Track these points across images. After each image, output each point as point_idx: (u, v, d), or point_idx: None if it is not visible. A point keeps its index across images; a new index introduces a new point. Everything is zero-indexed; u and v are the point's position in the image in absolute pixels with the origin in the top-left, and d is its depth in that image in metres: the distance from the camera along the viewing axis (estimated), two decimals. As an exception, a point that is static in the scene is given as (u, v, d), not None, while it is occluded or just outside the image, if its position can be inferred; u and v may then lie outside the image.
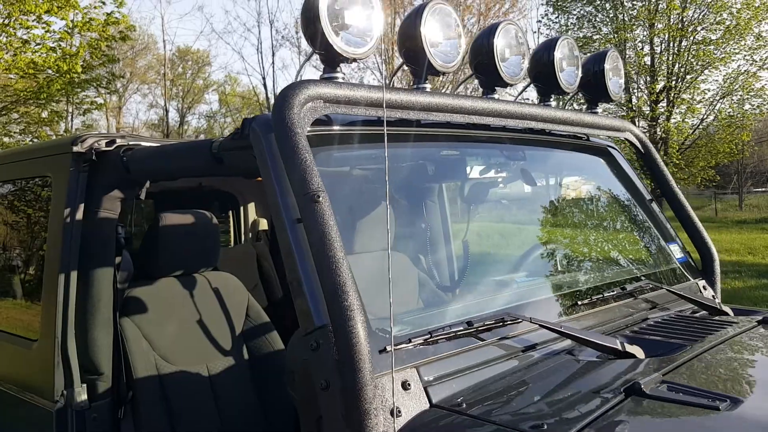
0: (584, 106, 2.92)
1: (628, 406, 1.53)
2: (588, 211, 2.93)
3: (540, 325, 1.88)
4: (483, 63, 2.34)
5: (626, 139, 3.00)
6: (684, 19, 23.08)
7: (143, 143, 2.51)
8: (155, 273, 2.81)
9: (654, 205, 3.02)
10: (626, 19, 23.83)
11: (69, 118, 20.90)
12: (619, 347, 1.85)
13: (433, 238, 2.69)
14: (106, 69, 15.96)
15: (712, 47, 22.62)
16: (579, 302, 2.20)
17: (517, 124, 2.37)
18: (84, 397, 2.36)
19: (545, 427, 1.42)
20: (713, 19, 22.83)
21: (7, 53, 13.42)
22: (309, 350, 1.55)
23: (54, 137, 16.51)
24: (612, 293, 2.33)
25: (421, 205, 2.43)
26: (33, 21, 13.54)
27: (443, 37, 2.15)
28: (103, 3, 14.54)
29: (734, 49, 22.76)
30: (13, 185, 2.93)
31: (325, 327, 1.54)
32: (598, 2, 24.34)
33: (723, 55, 22.73)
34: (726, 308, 2.52)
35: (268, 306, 4.17)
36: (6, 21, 12.88)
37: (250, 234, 4.84)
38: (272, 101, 34.96)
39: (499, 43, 2.32)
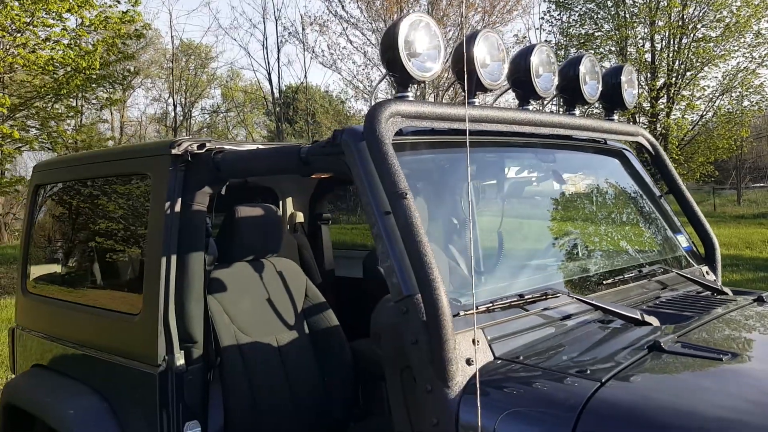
0: (594, 113, 3.35)
1: (652, 357, 1.96)
2: (606, 206, 3.36)
3: (575, 298, 2.33)
4: (520, 79, 2.76)
5: (639, 143, 3.43)
6: (684, 17, 23.45)
7: (226, 146, 2.93)
8: (232, 257, 3.24)
9: (663, 201, 3.45)
10: (627, 16, 24.20)
11: (80, 113, 21.27)
12: (639, 317, 2.28)
13: (483, 229, 3.13)
14: (122, 66, 16.39)
15: (711, 44, 23.00)
16: (603, 282, 2.64)
17: (549, 131, 2.80)
18: (182, 361, 2.78)
19: (588, 372, 1.85)
20: (713, 16, 23.20)
21: (26, 50, 13.81)
22: (399, 314, 1.98)
23: (70, 132, 16.94)
24: (630, 275, 2.77)
25: (469, 201, 2.87)
26: (53, 19, 13.93)
27: (491, 60, 2.57)
28: (118, 2, 14.95)
29: (734, 46, 23.14)
30: (113, 181, 3.35)
31: (412, 296, 1.96)
32: (600, 1, 24.72)
33: (722, 53, 23.11)
34: (726, 289, 2.96)
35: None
36: (30, 20, 13.25)
37: (288, 226, 5.27)
38: (277, 96, 35.28)
39: (534, 61, 2.74)
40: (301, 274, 3.51)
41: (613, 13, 24.61)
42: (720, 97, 23.89)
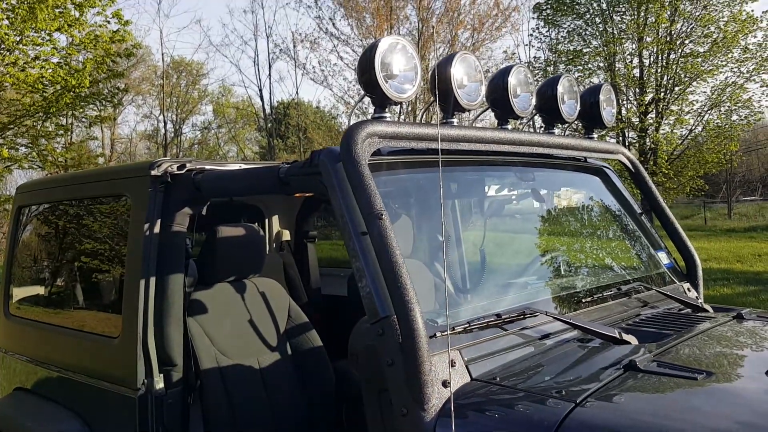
0: (574, 132, 3.38)
1: (627, 377, 1.96)
2: (587, 223, 3.38)
3: (553, 318, 2.33)
4: (498, 99, 2.78)
5: (619, 160, 3.45)
6: (672, 33, 23.68)
7: (206, 167, 2.93)
8: (213, 278, 3.23)
9: (644, 218, 3.47)
10: (615, 32, 24.42)
11: (71, 131, 21.25)
12: (617, 335, 2.29)
13: (457, 247, 3.14)
14: (111, 84, 16.42)
15: (699, 60, 23.21)
16: (582, 300, 2.65)
17: (528, 150, 2.81)
18: (161, 385, 2.76)
19: (564, 392, 1.85)
20: (701, 32, 23.44)
21: (16, 68, 13.82)
22: (376, 336, 1.98)
23: (60, 150, 16.91)
24: (610, 293, 2.78)
25: (448, 219, 2.87)
26: (43, 38, 13.96)
27: (468, 80, 2.59)
28: (109, 22, 15.01)
29: (721, 61, 23.35)
30: (94, 203, 3.34)
31: (388, 317, 1.96)
32: (588, 16, 24.94)
33: (711, 68, 23.32)
34: (707, 306, 2.97)
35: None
36: (19, 38, 13.27)
37: (275, 244, 5.26)
38: (269, 112, 35.37)
39: (512, 81, 2.76)
40: (284, 294, 3.50)
41: (601, 29, 24.83)
42: (708, 111, 24.06)
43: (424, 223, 2.85)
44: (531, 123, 3.17)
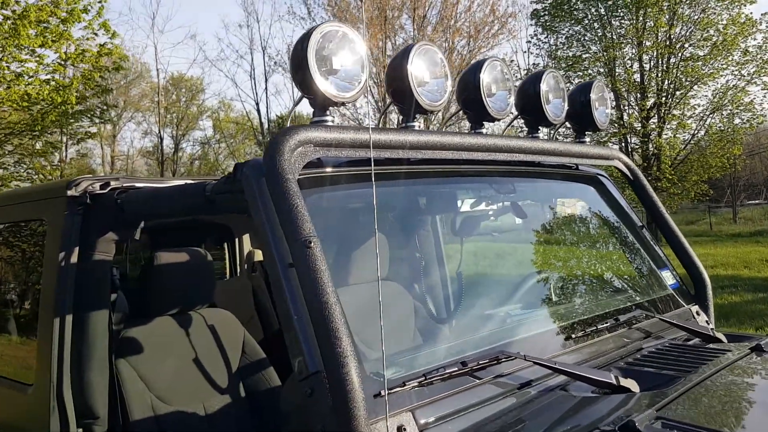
0: (568, 136, 2.96)
1: None
2: (580, 240, 2.95)
3: (534, 362, 1.89)
4: (470, 99, 2.37)
5: (615, 167, 3.03)
6: (671, 37, 23.36)
7: (137, 184, 2.53)
8: (151, 312, 2.82)
9: (645, 232, 3.05)
10: (614, 37, 24.09)
11: (63, 148, 20.95)
12: (614, 381, 1.86)
13: (425, 272, 2.71)
14: (100, 99, 16.06)
15: (700, 63, 22.89)
16: (573, 335, 2.22)
17: (507, 157, 2.40)
18: None
19: None
20: (700, 35, 23.12)
21: (0, 86, 13.49)
22: (304, 396, 1.56)
23: (48, 167, 16.56)
24: (606, 324, 2.35)
25: (413, 241, 2.45)
26: (26, 54, 13.64)
27: (430, 77, 2.19)
28: (96, 35, 14.66)
29: (722, 64, 23.03)
30: (6, 228, 2.94)
31: (319, 373, 1.54)
32: (587, 22, 24.63)
33: (711, 71, 22.99)
34: (719, 334, 2.54)
35: (265, 339, 4.16)
36: (0, 55, 12.94)
37: (246, 266, 4.85)
38: (266, 126, 35.09)
39: (486, 78, 2.36)
40: (238, 326, 3.08)
41: (600, 34, 24.52)
42: (711, 115, 23.71)
43: (391, 245, 2.43)
44: (511, 126, 2.76)
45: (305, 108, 1.99)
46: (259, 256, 4.86)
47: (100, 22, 14.38)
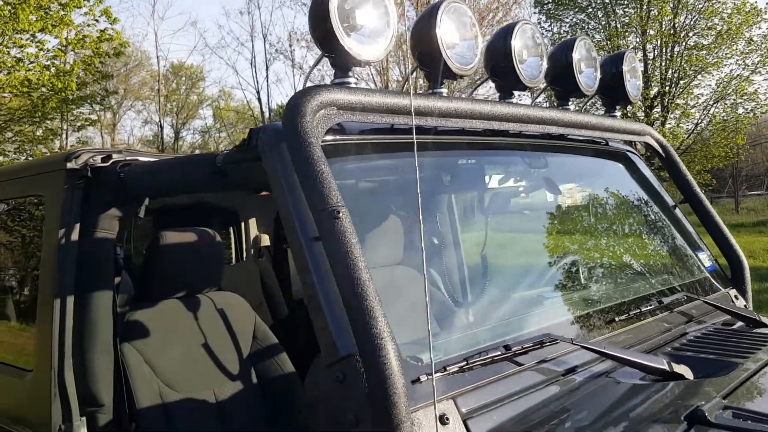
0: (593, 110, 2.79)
1: None
2: (612, 220, 2.79)
3: (582, 347, 1.73)
4: (500, 66, 2.21)
5: (646, 143, 2.87)
6: (676, 25, 23.10)
7: (141, 158, 2.37)
8: (156, 295, 2.66)
9: (678, 212, 2.89)
10: (618, 26, 23.84)
11: (64, 135, 20.73)
12: (666, 367, 1.71)
13: (453, 252, 2.54)
14: (100, 85, 15.85)
15: (704, 52, 22.64)
16: (615, 318, 2.06)
17: (539, 129, 2.24)
18: (83, 431, 2.20)
19: None
20: (705, 24, 22.86)
21: (0, 72, 13.30)
22: (334, 382, 1.40)
23: (49, 154, 16.37)
24: (648, 307, 2.19)
25: (441, 218, 2.28)
26: (27, 39, 13.43)
27: (459, 38, 2.02)
28: (97, 20, 14.44)
29: (726, 53, 22.78)
30: (4, 205, 2.77)
31: (351, 357, 1.39)
32: (591, 10, 24.37)
33: (715, 60, 22.74)
34: (764, 319, 2.38)
35: (273, 325, 4.01)
36: (0, 40, 12.74)
37: (252, 251, 4.69)
38: (267, 115, 34.87)
39: (517, 44, 2.19)
40: (249, 311, 2.92)
41: (603, 23, 24.26)
42: (714, 105, 23.51)
43: (411, 223, 2.26)
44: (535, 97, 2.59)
45: None
46: (265, 241, 4.71)
47: (102, 8, 14.18)
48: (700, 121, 23.87)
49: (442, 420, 1.41)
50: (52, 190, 2.32)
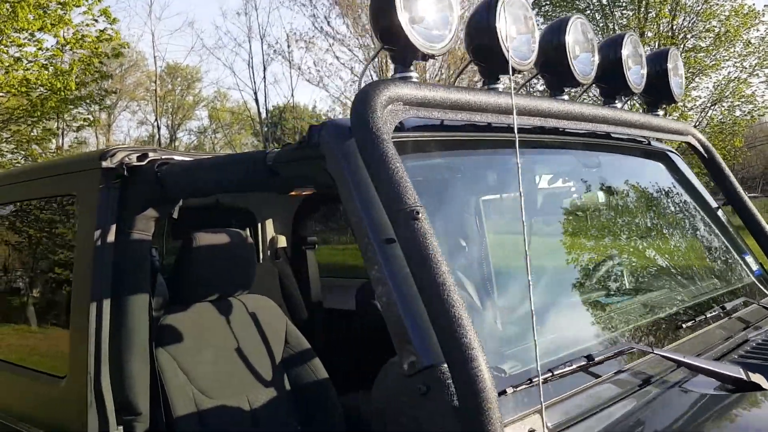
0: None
1: None
2: (658, 222, 2.71)
3: (664, 357, 1.66)
4: (552, 61, 2.13)
5: (688, 143, 2.81)
6: (674, 28, 23.11)
7: (175, 157, 2.28)
8: (189, 298, 2.58)
9: (721, 214, 2.82)
10: (616, 28, 23.82)
11: (61, 135, 20.59)
12: (744, 377, 1.63)
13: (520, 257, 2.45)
14: (99, 85, 15.71)
15: (702, 54, 22.64)
16: (680, 326, 1.98)
17: (592, 127, 2.17)
18: None
19: None
20: (702, 27, 22.86)
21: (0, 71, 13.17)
22: (416, 394, 1.32)
23: (45, 156, 16.23)
24: (712, 314, 2.11)
25: (507, 221, 2.21)
26: (25, 38, 13.31)
27: (516, 32, 1.94)
28: (96, 20, 14.31)
29: (724, 56, 22.79)
30: (31, 205, 2.68)
31: (434, 368, 1.31)
32: (588, 12, 24.34)
33: (713, 62, 22.74)
34: None
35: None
36: (-1, 38, 12.62)
37: (269, 252, 4.60)
38: (264, 116, 34.73)
39: (570, 39, 2.12)
40: (280, 315, 2.84)
41: (601, 25, 24.24)
42: (712, 107, 23.53)
43: (461, 225, 2.18)
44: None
45: (302, 98, 1.74)
46: (282, 242, 4.62)
47: (101, 8, 14.06)
48: (697, 123, 23.88)
49: None
50: (86, 190, 2.23)
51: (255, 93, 32.75)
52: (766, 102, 23.34)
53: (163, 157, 2.24)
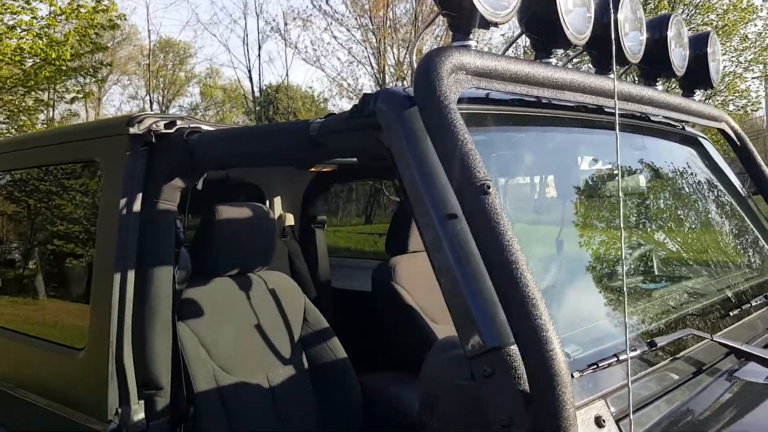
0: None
1: None
2: (692, 208, 2.66)
3: (724, 345, 1.61)
4: (601, 38, 2.05)
5: (721, 130, 2.75)
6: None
7: (203, 127, 2.20)
8: (210, 272, 2.50)
9: (751, 203, 2.77)
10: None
11: (52, 106, 20.30)
12: None
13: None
14: (93, 57, 15.47)
15: (699, 48, 22.62)
16: (727, 314, 1.93)
17: (638, 108, 2.10)
18: (141, 415, 2.04)
19: None
20: (701, 20, 22.82)
21: (-7, 39, 12.93)
22: (479, 377, 1.26)
23: (38, 127, 16.00)
24: (758, 302, 2.07)
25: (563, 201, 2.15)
26: (20, 6, 13.06)
27: (573, 5, 1.86)
28: (93, -10, 14.06)
29: (721, 50, 22.77)
30: (55, 172, 2.58)
31: (500, 349, 1.24)
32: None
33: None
34: None
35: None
36: (-7, 6, 12.37)
37: (277, 230, 4.53)
38: (257, 95, 34.39)
39: (621, 16, 2.04)
40: (299, 292, 2.77)
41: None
42: (707, 101, 23.53)
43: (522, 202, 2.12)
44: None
45: (297, 77, 1.65)
46: (290, 220, 4.54)
47: (99, -22, 13.80)
48: (692, 117, 23.90)
49: (599, 422, 1.27)
50: (112, 156, 2.15)
51: (249, 71, 32.47)
52: (759, 97, 23.39)
53: (191, 126, 2.16)
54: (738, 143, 2.75)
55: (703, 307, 1.97)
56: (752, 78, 24.29)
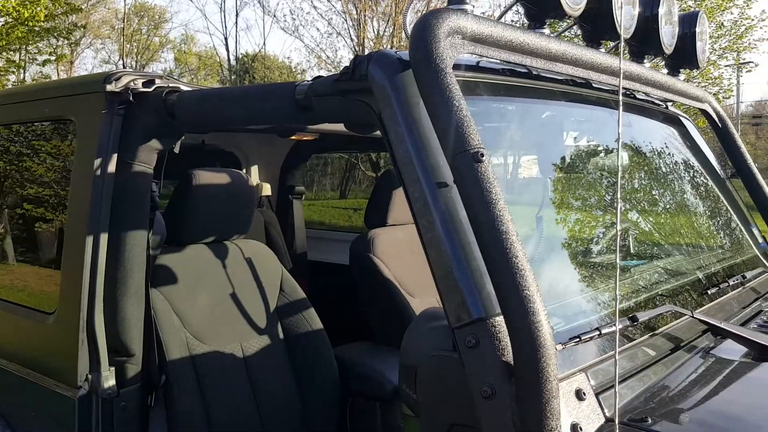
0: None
1: None
2: (670, 188, 2.66)
3: (702, 321, 1.61)
4: (594, 11, 2.02)
5: (704, 111, 2.75)
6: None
7: (183, 87, 2.13)
8: (184, 238, 2.45)
9: (729, 185, 2.78)
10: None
11: (23, 69, 19.82)
12: None
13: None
14: (67, 18, 15.10)
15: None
16: (702, 292, 1.94)
17: (625, 84, 2.08)
18: (112, 382, 2.00)
19: None
20: (678, 7, 22.92)
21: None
22: (463, 347, 1.24)
23: (8, 87, 15.59)
24: (735, 281, 2.08)
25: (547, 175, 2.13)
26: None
27: None
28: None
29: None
30: (26, 131, 2.50)
31: (484, 320, 1.23)
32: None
33: (686, 42, 22.87)
34: None
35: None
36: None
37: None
38: (233, 63, 33.89)
39: None
40: (276, 262, 2.73)
41: None
42: (685, 84, 23.71)
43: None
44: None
45: (274, 47, 1.60)
46: (266, 190, 4.49)
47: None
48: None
49: (579, 395, 1.27)
50: (87, 115, 2.07)
51: (225, 38, 32.00)
52: (731, 85, 23.63)
53: (170, 85, 2.09)
54: (719, 125, 2.75)
55: (681, 285, 1.98)
56: (725, 66, 24.59)
